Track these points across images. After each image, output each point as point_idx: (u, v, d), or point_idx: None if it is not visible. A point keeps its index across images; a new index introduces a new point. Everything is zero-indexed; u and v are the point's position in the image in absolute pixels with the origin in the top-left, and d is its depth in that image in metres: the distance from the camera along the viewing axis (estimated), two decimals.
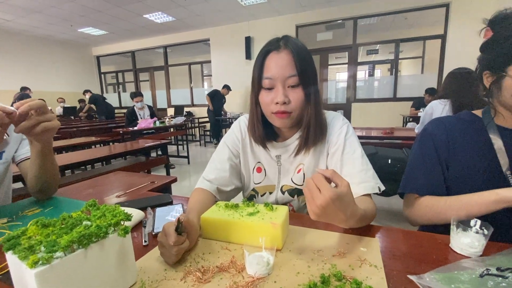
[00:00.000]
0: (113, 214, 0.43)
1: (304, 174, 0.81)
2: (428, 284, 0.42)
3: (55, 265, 0.35)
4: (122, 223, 0.44)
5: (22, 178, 0.95)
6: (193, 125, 7.27)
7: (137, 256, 0.54)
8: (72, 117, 7.25)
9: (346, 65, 6.23)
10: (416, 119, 4.18)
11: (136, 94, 4.36)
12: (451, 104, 1.93)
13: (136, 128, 3.92)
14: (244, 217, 0.59)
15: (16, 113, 0.62)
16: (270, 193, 0.86)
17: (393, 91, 5.79)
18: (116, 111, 7.69)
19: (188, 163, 4.64)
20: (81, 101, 7.56)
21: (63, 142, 3.13)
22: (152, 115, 4.54)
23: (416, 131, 2.61)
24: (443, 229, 0.64)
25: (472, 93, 1.80)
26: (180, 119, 5.06)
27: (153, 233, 0.65)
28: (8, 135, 0.93)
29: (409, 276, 0.45)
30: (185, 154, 4.75)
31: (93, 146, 3.76)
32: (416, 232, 0.64)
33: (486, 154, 0.69)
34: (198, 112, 7.72)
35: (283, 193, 0.84)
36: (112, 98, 9.13)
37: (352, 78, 6.02)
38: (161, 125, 4.45)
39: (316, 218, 0.49)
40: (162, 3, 5.34)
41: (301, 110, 0.74)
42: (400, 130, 3.10)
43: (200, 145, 6.71)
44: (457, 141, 0.73)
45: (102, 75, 9.46)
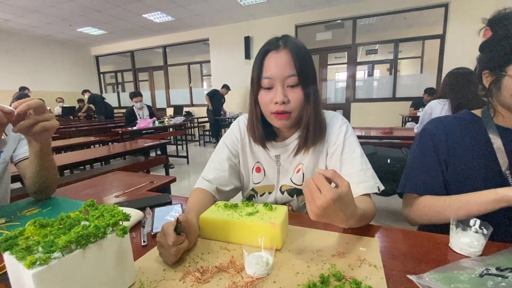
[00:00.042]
0: (112, 214, 0.43)
1: (304, 174, 0.81)
2: (428, 284, 0.42)
3: (53, 266, 0.34)
4: (121, 223, 0.44)
5: (21, 178, 0.95)
6: (193, 125, 7.27)
7: (136, 256, 0.54)
8: (71, 117, 7.23)
9: (346, 65, 6.23)
10: (415, 119, 4.19)
11: (136, 94, 4.35)
12: (450, 104, 1.93)
13: (135, 128, 3.92)
14: (243, 217, 0.59)
15: (14, 113, 0.62)
16: (270, 193, 0.86)
17: (392, 91, 5.80)
18: (115, 111, 7.68)
19: (188, 163, 4.64)
20: (80, 101, 7.54)
21: (62, 142, 3.12)
22: (151, 115, 4.54)
23: (415, 131, 2.62)
24: (443, 229, 0.64)
25: (471, 93, 1.80)
26: (179, 119, 5.06)
27: (152, 233, 0.65)
28: (7, 135, 0.93)
29: (409, 276, 0.45)
30: (185, 154, 4.75)
31: (92, 146, 3.75)
32: (416, 232, 0.64)
33: (486, 154, 0.69)
34: (198, 112, 7.72)
35: (283, 193, 0.84)
36: (111, 98, 9.11)
37: (351, 78, 6.03)
38: (160, 125, 4.44)
39: (316, 219, 0.48)
40: (161, 3, 5.33)
41: (301, 110, 0.73)
42: (399, 130, 3.11)
43: (200, 145, 6.71)
44: (457, 141, 0.73)
45: (101, 75, 9.45)
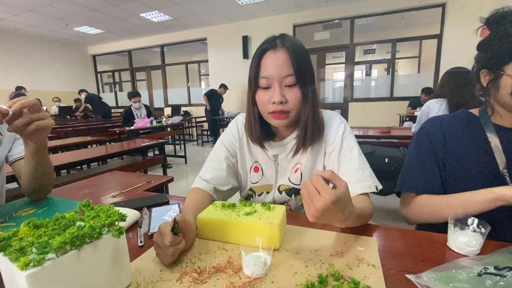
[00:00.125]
0: (107, 215, 0.43)
1: (302, 174, 0.81)
2: (426, 284, 0.42)
3: (47, 267, 0.34)
4: (117, 224, 0.43)
5: (17, 178, 0.94)
6: (190, 125, 7.25)
7: (133, 257, 0.53)
8: (68, 117, 7.19)
9: (343, 65, 6.25)
10: (413, 119, 4.20)
11: (134, 94, 4.32)
12: (448, 103, 1.94)
13: (133, 128, 3.90)
14: (241, 217, 0.59)
15: (9, 112, 0.61)
16: (268, 193, 0.85)
17: (390, 91, 5.82)
18: (113, 111, 7.64)
19: (185, 163, 4.63)
20: (77, 101, 7.49)
21: (59, 142, 3.10)
22: (149, 115, 4.52)
23: (413, 130, 2.62)
24: (441, 228, 0.64)
25: (469, 92, 1.81)
26: (177, 119, 5.04)
27: (149, 234, 0.64)
28: (1, 135, 0.91)
29: (407, 276, 0.45)
30: (182, 154, 4.74)
31: (89, 146, 3.73)
32: (414, 231, 0.64)
33: (483, 153, 0.69)
34: (195, 112, 7.70)
35: (281, 193, 0.84)
36: (109, 98, 9.08)
37: (349, 78, 6.04)
38: (158, 125, 4.42)
39: (315, 220, 0.48)
40: (159, 2, 5.31)
41: (298, 110, 0.73)
42: (397, 130, 3.13)
43: (198, 145, 6.69)
44: (454, 140, 0.73)
45: (99, 75, 9.39)
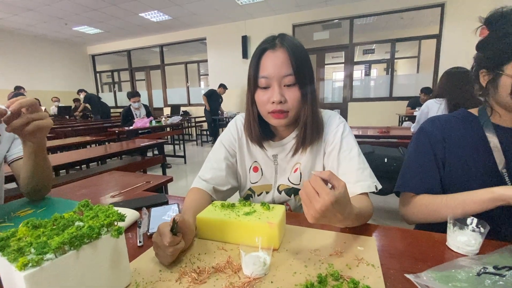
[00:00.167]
0: (106, 215, 0.43)
1: (301, 174, 0.81)
2: (425, 283, 0.42)
3: (46, 267, 0.34)
4: (116, 224, 0.43)
5: (16, 179, 0.94)
6: (190, 125, 7.24)
7: (132, 257, 0.53)
8: (67, 117, 7.17)
9: (343, 65, 6.25)
10: (412, 118, 4.21)
11: (134, 94, 4.32)
12: (447, 103, 1.94)
13: (132, 128, 3.89)
14: (241, 217, 0.59)
15: (7, 112, 0.61)
16: (267, 193, 0.85)
17: (389, 91, 5.83)
18: (112, 111, 7.63)
19: (185, 163, 4.62)
20: (76, 101, 7.48)
21: (58, 142, 3.10)
22: (148, 114, 4.51)
23: (412, 130, 2.63)
24: (440, 227, 0.64)
25: (468, 92, 1.81)
26: (177, 119, 5.03)
27: (148, 234, 0.64)
28: (0, 135, 0.91)
29: (406, 275, 0.45)
30: (182, 154, 4.73)
31: (88, 146, 3.72)
32: (413, 231, 0.64)
33: (482, 153, 0.69)
34: (195, 112, 7.69)
35: (280, 193, 0.84)
36: (108, 98, 9.06)
37: (349, 78, 6.04)
38: (158, 125, 4.42)
39: (314, 222, 0.47)
40: (158, 2, 5.30)
41: (298, 109, 0.73)
42: (396, 129, 3.13)
43: (197, 145, 6.68)
44: (453, 140, 0.73)
45: (98, 74, 9.37)
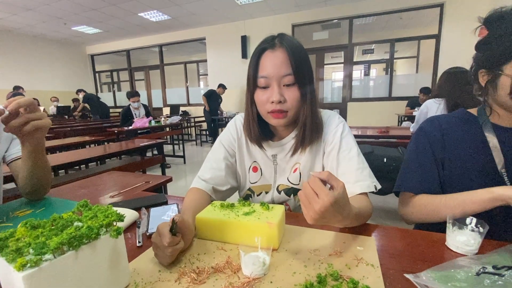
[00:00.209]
0: (105, 215, 0.42)
1: (301, 174, 0.81)
2: (425, 283, 0.42)
3: (44, 268, 0.34)
4: (115, 224, 0.43)
5: (14, 179, 0.93)
6: (189, 125, 7.24)
7: (131, 257, 0.53)
8: (66, 117, 7.15)
9: (342, 65, 6.26)
10: (411, 118, 4.21)
11: (133, 94, 4.31)
12: (446, 103, 1.95)
13: (132, 128, 3.89)
14: (240, 217, 0.59)
15: (5, 112, 0.61)
16: (266, 193, 0.85)
17: (388, 91, 5.83)
18: (111, 111, 7.62)
19: (184, 163, 4.62)
20: (75, 100, 7.46)
21: (57, 142, 3.09)
22: (148, 114, 4.51)
23: (411, 130, 2.63)
24: (439, 227, 0.64)
25: (467, 92, 1.81)
26: (176, 119, 5.03)
27: (147, 234, 0.64)
28: None
29: (406, 275, 0.45)
30: (181, 154, 4.73)
31: (88, 146, 3.71)
32: (412, 231, 0.64)
33: (481, 152, 0.69)
34: (194, 112, 7.69)
35: (279, 193, 0.83)
36: (107, 97, 9.04)
37: (348, 78, 6.05)
38: (157, 125, 4.42)
39: (314, 223, 0.47)
40: (158, 2, 5.29)
41: (297, 109, 0.73)
42: (396, 129, 3.13)
43: (196, 145, 6.68)
44: (453, 140, 0.73)
45: (97, 74, 9.36)
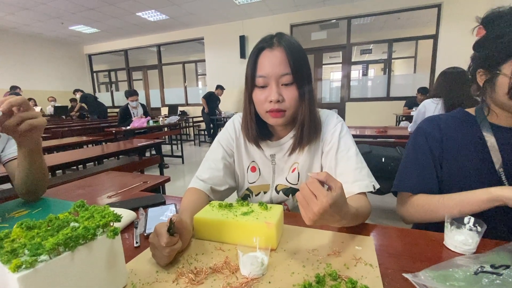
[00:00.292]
0: (102, 215, 0.42)
1: (299, 173, 0.81)
2: (423, 282, 0.42)
3: (40, 269, 0.33)
4: (112, 224, 0.42)
5: (10, 179, 0.92)
6: (187, 125, 7.22)
7: (128, 258, 0.53)
8: (64, 117, 7.11)
9: (340, 65, 6.27)
10: (409, 118, 4.23)
11: (132, 93, 4.29)
12: (444, 103, 1.95)
13: (129, 127, 3.87)
14: (238, 217, 0.58)
15: None
16: (265, 193, 0.85)
17: (386, 91, 5.85)
18: (109, 111, 7.59)
19: (182, 163, 4.61)
20: (73, 100, 7.41)
21: (54, 142, 3.07)
22: (146, 114, 4.49)
23: (409, 130, 2.64)
24: (437, 227, 0.64)
25: (464, 92, 1.82)
26: (174, 119, 5.01)
27: (145, 234, 0.64)
28: None
29: (404, 275, 0.45)
30: (179, 154, 4.72)
31: (85, 146, 3.69)
32: (410, 230, 0.64)
33: (479, 152, 0.69)
34: (192, 112, 7.67)
35: (278, 193, 0.83)
36: (105, 97, 9.00)
37: (346, 78, 6.06)
38: (155, 125, 4.40)
39: (312, 224, 0.47)
40: (156, 1, 5.27)
41: (295, 109, 0.73)
42: (394, 129, 3.14)
43: (195, 145, 6.67)
44: (451, 139, 0.73)
45: (94, 74, 9.31)
